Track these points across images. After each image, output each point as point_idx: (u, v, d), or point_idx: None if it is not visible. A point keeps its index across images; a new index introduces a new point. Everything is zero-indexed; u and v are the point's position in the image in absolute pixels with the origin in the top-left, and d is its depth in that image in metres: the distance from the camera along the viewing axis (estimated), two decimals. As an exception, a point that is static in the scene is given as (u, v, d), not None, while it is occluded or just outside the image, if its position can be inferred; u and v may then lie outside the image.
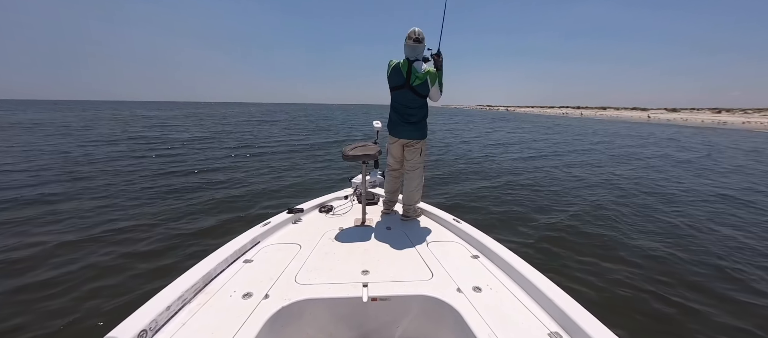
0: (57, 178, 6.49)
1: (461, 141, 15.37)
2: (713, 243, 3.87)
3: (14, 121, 21.81)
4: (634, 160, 10.18)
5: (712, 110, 74.65)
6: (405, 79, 2.31)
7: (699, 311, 2.60)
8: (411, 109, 2.39)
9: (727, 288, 2.92)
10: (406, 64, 2.31)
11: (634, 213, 4.94)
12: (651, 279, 3.02)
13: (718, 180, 7.50)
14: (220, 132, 17.28)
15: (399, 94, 2.37)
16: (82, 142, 11.95)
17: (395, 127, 2.46)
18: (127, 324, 1.21)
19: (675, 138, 18.44)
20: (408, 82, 2.31)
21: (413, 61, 2.30)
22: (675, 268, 3.25)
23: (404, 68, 2.31)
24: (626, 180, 7.21)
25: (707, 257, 3.49)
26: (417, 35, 2.22)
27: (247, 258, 1.86)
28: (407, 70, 2.30)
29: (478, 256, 1.89)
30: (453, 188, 6.31)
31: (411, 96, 2.34)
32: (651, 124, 36.45)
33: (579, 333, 1.22)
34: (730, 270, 3.23)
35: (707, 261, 3.39)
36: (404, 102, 2.38)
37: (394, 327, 1.56)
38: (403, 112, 2.41)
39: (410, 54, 2.29)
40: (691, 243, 3.86)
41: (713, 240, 3.94)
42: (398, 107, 2.41)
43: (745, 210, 5.17)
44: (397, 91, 2.38)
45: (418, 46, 2.25)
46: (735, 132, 24.99)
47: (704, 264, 3.33)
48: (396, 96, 2.40)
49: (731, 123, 38.26)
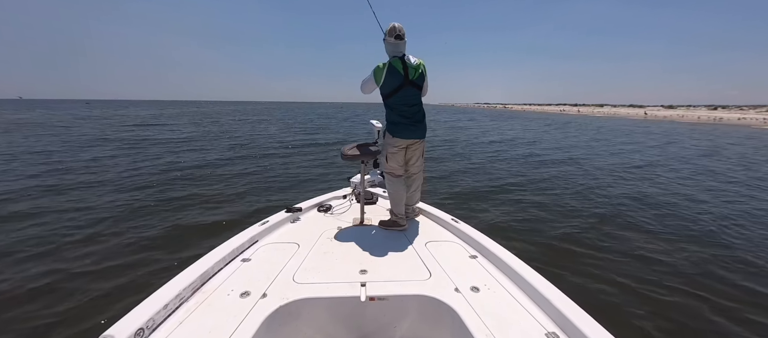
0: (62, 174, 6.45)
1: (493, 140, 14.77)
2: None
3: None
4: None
5: (708, 107, 74.96)
6: (403, 77, 2.18)
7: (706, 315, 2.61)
8: (415, 106, 2.26)
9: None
10: (399, 61, 2.17)
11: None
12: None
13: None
14: (219, 130, 17.22)
15: (401, 94, 2.22)
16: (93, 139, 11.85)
17: (403, 129, 2.26)
18: (124, 323, 1.20)
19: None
20: (407, 79, 2.19)
21: (401, 58, 2.19)
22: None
23: (399, 66, 2.16)
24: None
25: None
26: (399, 31, 2.13)
27: (245, 257, 1.85)
28: (403, 67, 2.17)
29: (476, 256, 1.90)
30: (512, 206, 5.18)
31: (413, 92, 2.23)
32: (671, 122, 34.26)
33: (576, 333, 1.22)
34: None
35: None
36: (408, 101, 2.24)
37: (392, 327, 1.57)
38: (409, 113, 2.25)
39: (395, 52, 2.19)
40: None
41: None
42: (402, 109, 2.24)
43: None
44: (399, 93, 2.21)
45: (401, 44, 2.16)
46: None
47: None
48: (397, 98, 2.22)
49: (727, 119, 38.50)
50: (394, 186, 2.34)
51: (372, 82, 2.26)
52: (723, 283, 3.01)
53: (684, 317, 2.55)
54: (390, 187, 2.37)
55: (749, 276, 3.12)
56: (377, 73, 2.19)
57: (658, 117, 45.50)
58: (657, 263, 3.37)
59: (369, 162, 2.42)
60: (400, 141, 2.27)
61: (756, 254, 3.57)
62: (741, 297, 2.80)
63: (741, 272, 3.20)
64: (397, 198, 2.32)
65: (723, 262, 3.39)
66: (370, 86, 2.31)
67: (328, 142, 13.73)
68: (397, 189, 2.32)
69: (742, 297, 2.79)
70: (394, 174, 2.34)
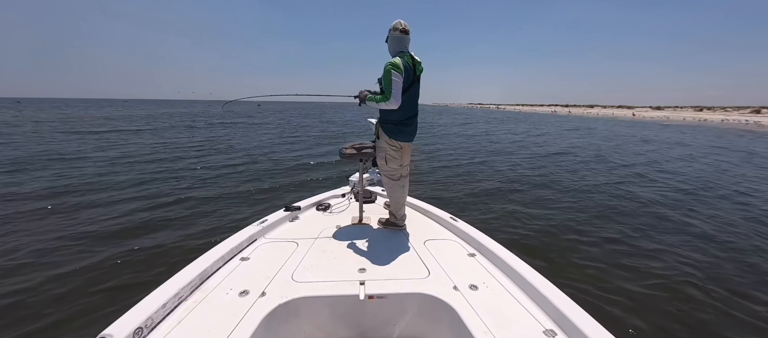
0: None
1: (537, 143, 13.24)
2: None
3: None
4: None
5: (694, 108, 76.51)
6: (413, 73, 2.06)
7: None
8: (417, 104, 2.17)
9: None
10: (408, 57, 2.06)
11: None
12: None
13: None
14: (218, 129, 16.98)
15: (411, 92, 2.09)
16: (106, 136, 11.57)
17: (405, 129, 2.14)
18: (122, 322, 1.19)
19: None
20: (415, 74, 2.08)
21: (407, 54, 2.09)
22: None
23: (410, 62, 2.04)
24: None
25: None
26: (404, 26, 2.06)
27: (243, 256, 1.84)
28: (412, 62, 2.06)
29: (475, 254, 1.92)
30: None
31: (418, 89, 2.14)
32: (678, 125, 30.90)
33: (574, 330, 1.25)
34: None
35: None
36: (416, 98, 2.15)
37: (390, 325, 1.58)
38: (414, 112, 2.16)
39: (401, 47, 2.09)
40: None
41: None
42: (409, 108, 2.11)
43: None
44: (410, 90, 2.07)
45: (407, 39, 2.08)
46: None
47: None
48: (408, 96, 2.07)
49: (711, 120, 39.45)
50: (394, 189, 2.25)
51: (400, 81, 1.96)
52: (724, 284, 3.05)
53: (685, 317, 2.58)
54: (389, 191, 2.28)
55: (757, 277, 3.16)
56: (397, 71, 1.94)
57: (646, 118, 46.38)
58: (659, 260, 3.43)
59: (368, 161, 2.43)
60: (398, 144, 2.15)
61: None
62: (745, 294, 2.86)
63: (747, 272, 3.25)
64: (399, 201, 2.26)
65: (722, 259, 3.45)
66: (399, 87, 1.97)
67: (327, 140, 13.60)
68: (397, 192, 2.26)
69: (746, 296, 2.84)
70: (395, 176, 2.23)
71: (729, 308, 2.69)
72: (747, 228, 4.41)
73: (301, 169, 7.81)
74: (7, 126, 16.29)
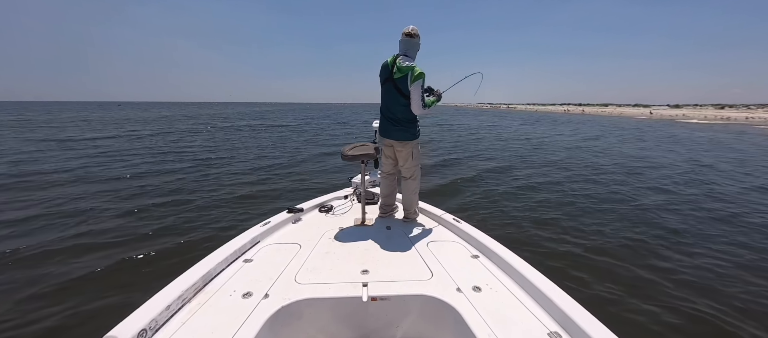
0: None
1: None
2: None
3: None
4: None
5: (715, 106, 73.95)
6: (389, 73, 2.26)
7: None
8: (395, 107, 2.30)
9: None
10: (393, 58, 2.27)
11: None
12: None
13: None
14: (221, 130, 17.30)
15: (384, 89, 2.33)
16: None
17: (382, 126, 2.42)
18: (127, 324, 1.21)
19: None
20: (391, 75, 2.25)
21: (399, 56, 2.25)
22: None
23: (390, 61, 2.27)
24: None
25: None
26: (409, 30, 2.23)
27: (246, 258, 1.86)
28: (392, 62, 2.25)
29: (478, 256, 1.89)
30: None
31: (393, 92, 2.27)
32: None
33: (579, 332, 1.21)
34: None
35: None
36: (387, 98, 2.32)
37: (393, 327, 1.56)
38: (385, 110, 2.37)
39: (401, 48, 2.27)
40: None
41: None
42: (383, 105, 2.37)
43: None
44: (383, 87, 2.34)
45: (410, 41, 2.23)
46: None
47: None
48: (382, 92, 2.36)
49: (735, 118, 37.92)
50: (382, 180, 2.57)
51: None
52: (726, 282, 2.96)
53: (686, 316, 2.51)
54: (381, 181, 2.59)
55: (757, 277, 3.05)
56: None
57: (663, 116, 44.96)
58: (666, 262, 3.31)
59: (369, 162, 2.43)
60: (382, 139, 2.45)
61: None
62: (748, 295, 2.74)
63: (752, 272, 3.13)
64: (383, 191, 2.57)
65: (728, 262, 3.33)
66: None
67: (328, 141, 13.70)
68: (383, 184, 2.57)
69: (750, 296, 2.74)
70: (383, 170, 2.55)
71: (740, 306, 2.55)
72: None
73: (302, 169, 7.89)
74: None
